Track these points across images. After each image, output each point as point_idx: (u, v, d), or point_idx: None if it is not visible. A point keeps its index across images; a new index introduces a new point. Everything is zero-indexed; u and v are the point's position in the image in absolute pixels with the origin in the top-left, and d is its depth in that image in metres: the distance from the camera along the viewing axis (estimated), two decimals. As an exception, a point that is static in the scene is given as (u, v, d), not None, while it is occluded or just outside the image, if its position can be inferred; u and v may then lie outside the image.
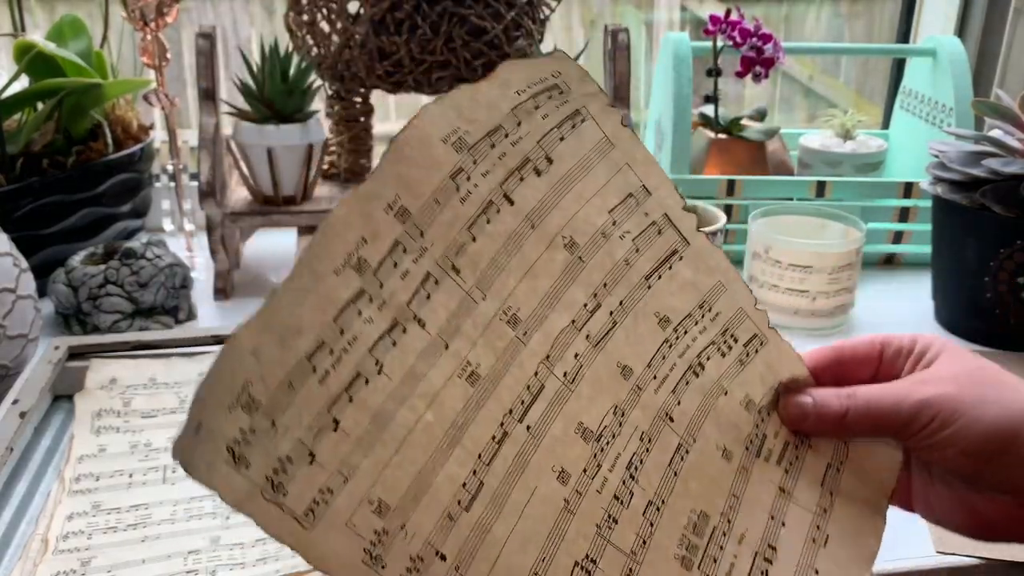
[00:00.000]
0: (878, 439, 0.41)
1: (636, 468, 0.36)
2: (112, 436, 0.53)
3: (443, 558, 0.30)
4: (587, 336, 0.36)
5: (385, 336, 0.31)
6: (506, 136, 0.34)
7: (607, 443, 0.36)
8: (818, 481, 0.40)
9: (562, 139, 0.36)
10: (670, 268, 0.38)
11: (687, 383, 0.38)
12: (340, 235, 0.30)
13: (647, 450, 0.36)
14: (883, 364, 0.41)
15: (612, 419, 0.36)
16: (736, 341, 0.40)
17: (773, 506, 0.38)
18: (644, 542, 0.35)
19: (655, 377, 0.37)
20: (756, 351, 0.40)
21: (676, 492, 0.36)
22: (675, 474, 0.37)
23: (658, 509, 0.36)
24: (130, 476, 0.50)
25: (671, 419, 0.37)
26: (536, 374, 0.34)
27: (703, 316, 0.39)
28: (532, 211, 0.35)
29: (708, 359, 0.39)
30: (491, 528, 0.32)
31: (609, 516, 0.34)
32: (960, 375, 0.38)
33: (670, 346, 0.38)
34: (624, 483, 0.35)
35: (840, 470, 0.40)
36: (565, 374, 0.35)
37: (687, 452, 0.37)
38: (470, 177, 0.33)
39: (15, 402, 0.53)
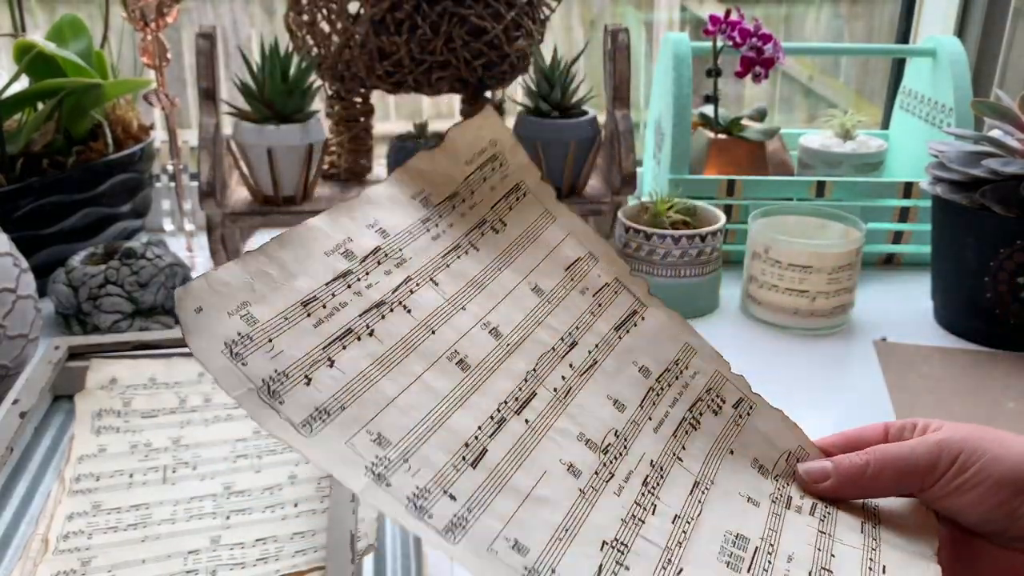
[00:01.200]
0: (906, 503, 0.40)
1: (655, 488, 0.36)
2: (112, 436, 0.53)
3: (452, 498, 0.31)
4: (570, 365, 0.38)
5: (373, 309, 0.34)
6: (463, 201, 0.40)
7: (615, 458, 0.36)
8: (857, 530, 0.38)
9: (511, 208, 0.41)
10: (635, 325, 0.41)
11: (687, 433, 0.39)
12: (327, 231, 0.35)
13: (662, 476, 0.36)
14: (889, 441, 0.41)
15: (615, 440, 0.36)
16: (724, 402, 0.41)
17: (817, 541, 0.37)
18: (680, 543, 0.34)
19: (651, 418, 0.38)
20: (748, 413, 0.41)
21: (705, 515, 0.36)
22: (699, 503, 0.36)
23: (689, 522, 0.35)
24: (130, 476, 0.50)
25: (680, 460, 0.38)
26: (526, 380, 0.36)
27: (682, 372, 0.41)
28: (496, 258, 0.39)
29: (701, 414, 0.40)
30: (495, 497, 0.32)
31: (634, 516, 0.34)
32: (971, 427, 0.38)
33: (658, 395, 0.39)
34: (644, 495, 0.35)
35: (876, 526, 0.39)
36: (555, 389, 0.36)
37: (707, 489, 0.37)
38: (438, 225, 0.38)
39: (15, 402, 0.53)
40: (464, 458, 0.32)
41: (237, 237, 0.92)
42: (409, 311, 0.35)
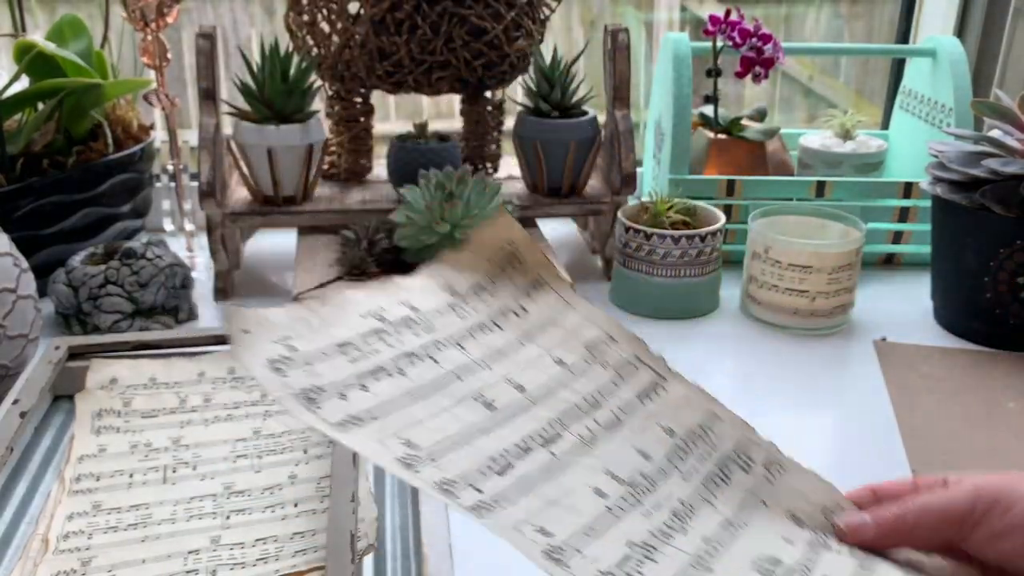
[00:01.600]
0: (948, 562, 0.39)
1: (684, 519, 0.36)
2: (112, 436, 0.53)
3: (478, 491, 0.33)
4: (595, 420, 0.39)
5: (404, 357, 0.37)
6: (486, 291, 0.44)
7: (643, 491, 0.36)
8: (897, 570, 0.38)
9: (530, 298, 0.44)
10: (658, 395, 0.42)
11: (716, 484, 0.39)
12: (362, 301, 0.40)
13: (691, 512, 0.37)
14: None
15: (642, 480, 0.37)
16: (754, 462, 0.41)
17: (856, 573, 0.37)
18: (710, 555, 0.35)
19: (678, 469, 0.39)
20: (779, 472, 0.41)
21: (738, 544, 0.36)
22: (732, 536, 0.37)
23: (721, 544, 0.36)
24: (130, 476, 0.50)
25: (711, 504, 0.38)
26: (550, 425, 0.37)
27: (707, 435, 0.41)
28: (519, 336, 0.42)
29: (731, 471, 0.40)
30: (522, 498, 0.33)
31: (663, 533, 0.35)
32: (1008, 473, 0.37)
33: (684, 452, 0.40)
34: (674, 521, 0.36)
35: (919, 572, 0.38)
36: (581, 436, 0.38)
37: (740, 528, 0.37)
38: (464, 308, 0.42)
39: (15, 402, 0.53)
40: (490, 467, 0.34)
41: (237, 237, 0.92)
42: (437, 362, 0.38)
